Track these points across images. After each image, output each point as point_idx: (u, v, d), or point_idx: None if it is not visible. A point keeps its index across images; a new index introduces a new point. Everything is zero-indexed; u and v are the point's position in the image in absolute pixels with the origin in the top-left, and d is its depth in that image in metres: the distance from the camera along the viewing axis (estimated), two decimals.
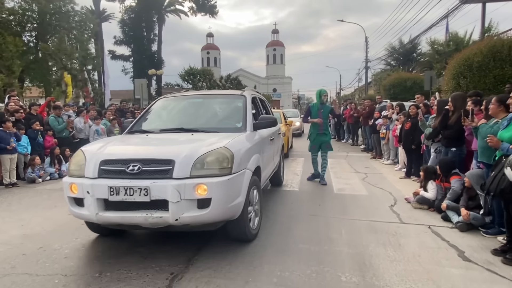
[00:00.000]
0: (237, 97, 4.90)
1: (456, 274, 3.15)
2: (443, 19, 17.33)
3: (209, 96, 5.57)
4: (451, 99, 5.25)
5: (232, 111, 4.73)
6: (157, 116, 4.87)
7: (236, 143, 3.58)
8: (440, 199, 4.91)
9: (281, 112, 12.27)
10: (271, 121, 4.52)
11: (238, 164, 3.36)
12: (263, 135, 4.62)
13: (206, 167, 3.19)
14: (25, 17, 24.02)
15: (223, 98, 5.26)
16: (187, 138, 3.85)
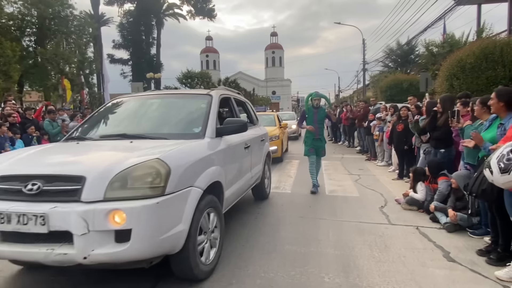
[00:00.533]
0: (202, 97, 4.11)
1: (440, 274, 3.17)
2: (438, 20, 17.42)
3: (169, 96, 4.71)
4: (440, 101, 5.30)
5: (192, 113, 3.95)
6: (103, 120, 4.10)
7: (179, 153, 2.87)
8: (429, 200, 4.93)
9: (275, 114, 12.03)
10: (238, 125, 3.72)
11: (178, 181, 2.62)
12: (231, 142, 3.86)
13: (129, 186, 2.45)
14: (24, 22, 24.17)
15: (184, 99, 4.43)
16: (121, 148, 3.13)
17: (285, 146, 11.66)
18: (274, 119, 11.32)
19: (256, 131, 5.29)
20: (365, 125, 10.39)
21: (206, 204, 3.00)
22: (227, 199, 3.69)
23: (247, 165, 4.55)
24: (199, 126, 3.57)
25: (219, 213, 3.31)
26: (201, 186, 2.92)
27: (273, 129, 10.16)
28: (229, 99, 4.72)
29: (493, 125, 3.52)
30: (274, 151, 9.30)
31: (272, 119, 11.32)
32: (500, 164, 2.76)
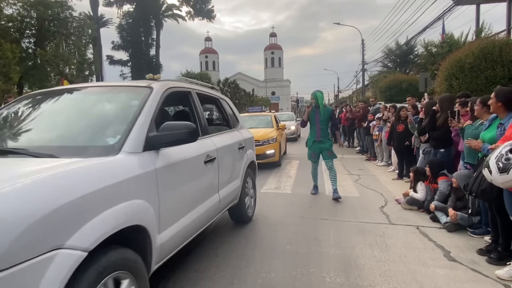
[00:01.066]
0: (136, 92, 2.86)
1: (441, 274, 3.18)
2: (437, 20, 17.45)
3: (91, 90, 3.16)
4: (438, 101, 5.32)
5: (113, 115, 2.69)
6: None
7: (36, 187, 1.56)
8: (429, 200, 4.95)
9: (272, 115, 11.41)
10: (181, 132, 2.43)
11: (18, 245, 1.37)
12: (175, 158, 2.62)
13: None
14: (24, 24, 24.19)
15: (111, 93, 3.01)
16: None
17: (284, 149, 11.11)
18: (272, 121, 10.78)
19: (232, 137, 4.17)
20: (364, 126, 10.41)
21: (103, 270, 1.74)
22: (164, 244, 2.42)
23: (210, 186, 3.35)
24: (116, 135, 2.33)
25: (138, 277, 2.02)
26: (83, 243, 1.63)
27: (270, 131, 9.67)
28: (187, 95, 3.47)
29: (493, 124, 3.53)
30: (271, 155, 8.98)
31: (269, 121, 10.85)
32: (498, 163, 2.77)
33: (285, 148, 11.35)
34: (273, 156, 9.04)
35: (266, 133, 9.26)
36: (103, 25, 32.80)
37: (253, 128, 8.94)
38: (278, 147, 9.40)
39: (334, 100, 57.40)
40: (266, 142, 8.96)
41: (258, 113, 12.37)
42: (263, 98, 51.87)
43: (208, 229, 4.46)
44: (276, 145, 9.28)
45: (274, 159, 9.12)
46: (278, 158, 9.36)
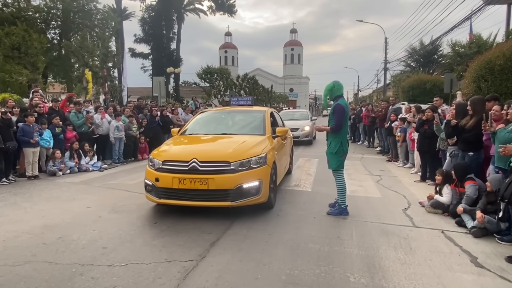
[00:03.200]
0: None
1: (468, 280, 3.12)
2: (465, 20, 16.97)
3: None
4: (470, 103, 5.16)
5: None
6: None
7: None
8: (455, 204, 4.84)
9: (267, 112, 6.46)
10: None
11: None
12: None
13: None
14: (50, 15, 24.84)
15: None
16: None
17: (285, 169, 6.94)
18: (263, 123, 6.04)
19: None
20: (386, 126, 10.24)
21: None
22: None
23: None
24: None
25: None
26: None
27: (254, 143, 5.14)
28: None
29: None
30: (251, 191, 4.61)
31: (258, 123, 6.13)
32: None
33: (289, 166, 7.46)
34: (256, 193, 4.64)
35: (242, 148, 4.91)
36: (126, 18, 33.31)
37: (223, 137, 5.59)
38: (267, 175, 4.83)
39: (354, 99, 56.68)
40: (239, 168, 4.58)
41: (242, 108, 8.02)
42: (281, 95, 51.66)
43: (230, 224, 4.51)
44: (264, 171, 4.77)
45: (258, 199, 4.68)
46: (266, 197, 4.82)
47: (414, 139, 7.96)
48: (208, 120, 6.67)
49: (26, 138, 7.39)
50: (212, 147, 5.28)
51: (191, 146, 5.42)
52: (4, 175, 7.14)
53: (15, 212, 5.11)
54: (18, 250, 3.66)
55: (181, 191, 4.53)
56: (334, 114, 4.86)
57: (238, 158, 4.61)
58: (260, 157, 4.78)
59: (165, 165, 4.69)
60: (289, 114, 16.61)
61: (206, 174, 4.47)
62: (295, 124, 13.50)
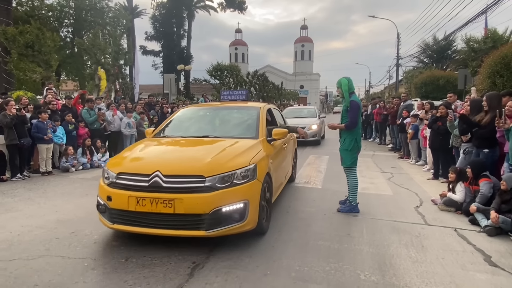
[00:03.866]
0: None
1: (481, 279, 3.06)
2: (480, 14, 16.61)
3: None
4: (487, 98, 5.03)
5: None
6: None
7: None
8: (468, 201, 4.75)
9: (262, 109, 5.22)
10: None
11: None
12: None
13: None
14: (63, 13, 25.17)
15: None
16: None
17: (286, 178, 5.89)
18: (257, 122, 4.86)
19: None
20: (398, 122, 10.11)
21: None
22: None
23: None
24: None
25: None
26: None
27: (243, 149, 4.03)
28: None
29: None
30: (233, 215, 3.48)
31: (251, 122, 4.94)
32: None
33: (291, 173, 6.47)
34: (240, 218, 3.50)
35: (223, 157, 3.77)
36: (137, 16, 33.52)
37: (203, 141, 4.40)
38: (256, 192, 3.70)
39: (365, 95, 56.09)
40: (218, 184, 3.45)
41: (233, 104, 6.11)
42: (291, 92, 51.44)
43: None
44: (252, 188, 3.64)
45: (242, 226, 3.54)
46: (255, 222, 3.69)
47: (426, 136, 7.84)
48: (189, 119, 5.44)
49: (40, 134, 7.53)
50: (184, 156, 4.05)
51: (157, 154, 4.14)
52: (19, 171, 7.29)
53: (29, 207, 5.21)
54: (32, 244, 3.73)
55: (139, 215, 3.42)
56: (350, 111, 4.75)
57: (217, 171, 3.44)
58: (247, 169, 3.61)
59: (119, 178, 3.58)
60: (295, 111, 15.45)
61: (172, 192, 3.36)
62: (301, 122, 12.34)
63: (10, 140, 7.07)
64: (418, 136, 8.53)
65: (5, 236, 3.99)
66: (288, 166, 5.97)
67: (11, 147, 7.13)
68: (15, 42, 13.46)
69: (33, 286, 2.88)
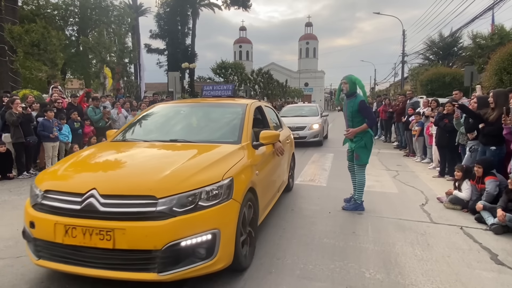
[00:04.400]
0: None
1: (488, 277, 3.04)
2: (487, 11, 16.42)
3: None
4: (493, 95, 4.98)
5: None
6: None
7: None
8: (474, 199, 4.71)
9: (249, 107, 4.25)
10: None
11: None
12: None
13: None
14: (68, 12, 25.30)
15: None
16: None
17: (280, 189, 4.92)
18: (239, 124, 3.92)
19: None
20: (404, 120, 10.05)
21: None
22: None
23: None
24: None
25: None
26: None
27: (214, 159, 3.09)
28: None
29: None
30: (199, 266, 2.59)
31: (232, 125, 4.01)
32: None
33: (288, 181, 5.57)
34: (207, 255, 2.61)
35: (186, 170, 2.83)
36: (142, 14, 33.55)
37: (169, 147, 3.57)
38: (231, 217, 2.80)
39: (370, 93, 55.85)
40: (176, 208, 2.54)
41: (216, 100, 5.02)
42: (296, 89, 51.33)
43: None
44: (225, 212, 2.73)
45: (211, 265, 2.63)
46: (229, 259, 2.79)
47: (432, 133, 7.79)
48: (159, 118, 4.46)
49: (46, 132, 7.58)
50: (133, 168, 3.00)
51: (100, 165, 3.17)
52: (25, 168, 7.34)
53: None
54: None
55: (69, 249, 2.54)
56: (363, 111, 4.70)
57: (174, 190, 2.55)
58: (219, 186, 2.71)
59: (46, 198, 2.70)
60: (295, 109, 14.13)
61: (112, 219, 2.48)
62: (301, 121, 11.78)
63: (17, 138, 7.13)
64: (424, 133, 8.46)
65: (12, 233, 4.03)
66: (283, 175, 5.05)
67: (17, 145, 7.19)
68: (21, 40, 13.54)
69: (39, 283, 2.90)
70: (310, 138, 11.45)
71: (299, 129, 11.21)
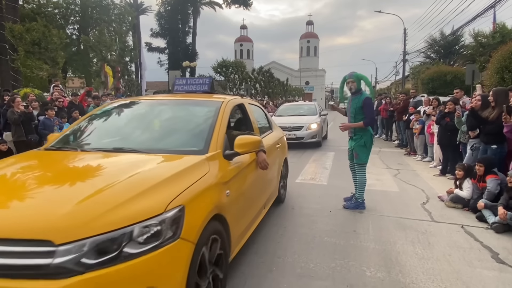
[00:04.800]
0: None
1: (489, 276, 3.04)
2: (489, 9, 16.37)
3: None
4: (493, 93, 4.97)
5: None
6: None
7: None
8: (475, 198, 4.71)
9: (223, 106, 3.33)
10: None
11: None
12: None
13: None
14: (69, 11, 25.33)
15: None
16: None
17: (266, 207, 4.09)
18: (208, 129, 3.02)
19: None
20: (404, 118, 10.03)
21: None
22: None
23: None
24: None
25: None
26: None
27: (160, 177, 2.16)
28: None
29: None
30: None
31: (200, 130, 3.08)
32: None
33: (278, 192, 4.82)
34: None
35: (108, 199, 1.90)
36: (143, 13, 33.56)
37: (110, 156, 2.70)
38: (175, 271, 1.91)
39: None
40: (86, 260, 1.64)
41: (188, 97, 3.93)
42: (297, 88, 51.32)
43: None
44: (168, 261, 1.85)
45: None
46: None
47: (433, 132, 7.77)
48: (112, 118, 3.60)
49: (47, 131, 7.56)
50: (40, 193, 2.04)
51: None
52: None
53: None
54: None
55: None
56: (365, 108, 4.67)
57: (84, 232, 1.68)
58: (159, 221, 1.86)
59: None
60: (292, 108, 13.38)
61: None
62: (298, 121, 11.09)
63: (18, 137, 7.13)
64: (425, 132, 8.45)
65: None
66: (270, 187, 4.23)
67: (18, 143, 7.20)
68: (22, 39, 13.55)
69: None
70: (308, 138, 10.77)
71: (296, 129, 10.80)
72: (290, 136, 10.29)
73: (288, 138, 8.03)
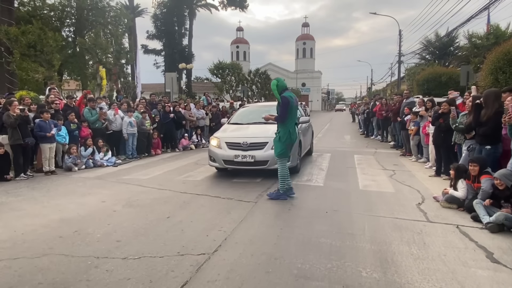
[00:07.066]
0: None
1: (483, 275, 3.06)
2: (483, 10, 16.51)
3: None
4: (483, 96, 5.04)
5: None
6: None
7: None
8: (470, 198, 4.75)
9: None
10: None
11: None
12: None
13: None
14: (64, 13, 25.21)
15: None
16: None
17: None
18: None
19: None
20: (399, 119, 10.09)
21: None
22: None
23: None
24: None
25: None
26: None
27: None
28: None
29: None
30: None
31: None
32: None
33: None
34: None
35: None
36: (139, 15, 33.56)
37: None
38: None
39: (367, 93, 55.92)
40: None
41: None
42: (293, 90, 51.41)
43: (243, 218, 4.53)
44: None
45: None
46: None
47: (428, 133, 7.83)
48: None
49: (42, 133, 7.56)
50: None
51: None
52: (22, 170, 7.32)
53: (33, 207, 5.25)
54: (36, 243, 3.76)
55: None
56: (280, 106, 5.38)
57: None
58: None
59: None
60: (255, 112, 8.27)
61: None
62: (259, 133, 6.96)
63: (15, 140, 7.11)
64: (420, 133, 8.50)
65: (9, 235, 4.03)
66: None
67: (15, 147, 7.18)
68: (18, 42, 13.52)
69: (37, 284, 2.91)
70: (274, 164, 6.08)
71: (254, 148, 6.71)
72: (244, 160, 6.65)
73: (240, 163, 6.61)
